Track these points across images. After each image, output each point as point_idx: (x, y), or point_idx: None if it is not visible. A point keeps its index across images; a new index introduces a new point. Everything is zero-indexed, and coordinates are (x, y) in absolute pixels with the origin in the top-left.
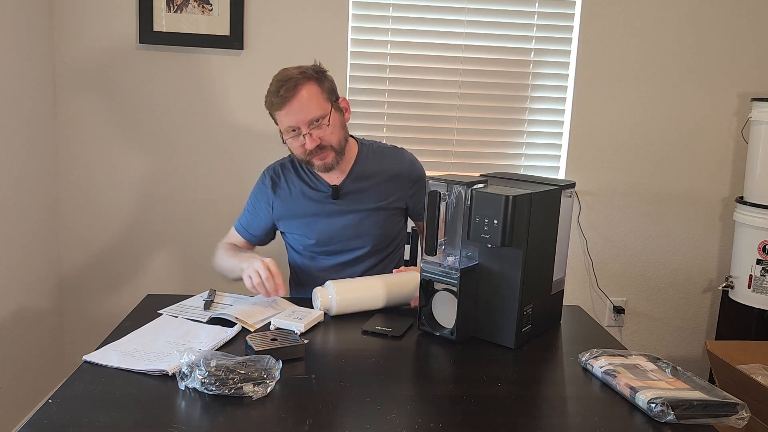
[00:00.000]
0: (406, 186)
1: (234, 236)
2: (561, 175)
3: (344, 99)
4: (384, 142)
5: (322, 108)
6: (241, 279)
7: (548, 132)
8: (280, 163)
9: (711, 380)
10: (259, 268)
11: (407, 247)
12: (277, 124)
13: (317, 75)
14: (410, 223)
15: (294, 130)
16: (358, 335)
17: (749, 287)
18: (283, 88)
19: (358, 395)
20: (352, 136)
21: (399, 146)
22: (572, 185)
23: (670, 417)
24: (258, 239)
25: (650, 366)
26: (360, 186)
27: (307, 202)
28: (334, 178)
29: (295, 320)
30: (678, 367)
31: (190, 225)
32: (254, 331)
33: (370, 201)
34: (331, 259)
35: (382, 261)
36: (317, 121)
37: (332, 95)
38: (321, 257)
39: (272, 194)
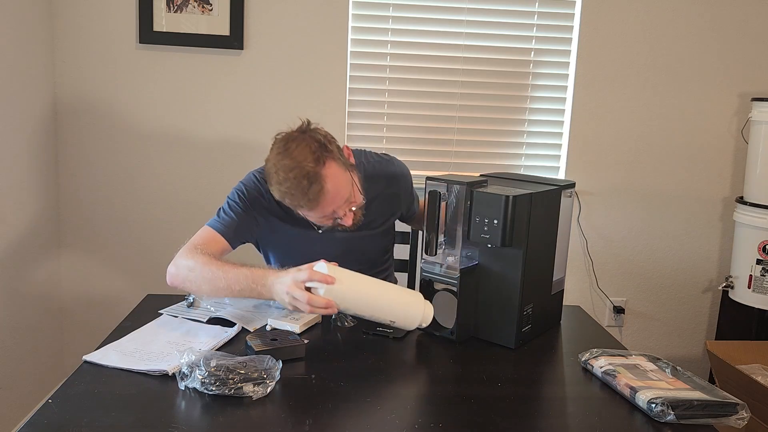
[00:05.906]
0: (401, 200)
1: (212, 239)
2: (561, 175)
3: (346, 147)
4: (372, 149)
5: (346, 179)
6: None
7: (548, 132)
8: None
9: (711, 380)
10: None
11: (407, 247)
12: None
13: (325, 150)
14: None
15: (326, 216)
16: (358, 336)
17: (749, 287)
18: (310, 189)
19: (358, 395)
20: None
21: (387, 156)
22: (572, 185)
23: (670, 417)
24: (241, 243)
25: (650, 366)
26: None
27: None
28: None
29: (291, 321)
30: (678, 367)
31: (189, 225)
32: (254, 331)
33: (365, 222)
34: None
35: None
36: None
37: (339, 152)
38: None
39: (265, 202)
